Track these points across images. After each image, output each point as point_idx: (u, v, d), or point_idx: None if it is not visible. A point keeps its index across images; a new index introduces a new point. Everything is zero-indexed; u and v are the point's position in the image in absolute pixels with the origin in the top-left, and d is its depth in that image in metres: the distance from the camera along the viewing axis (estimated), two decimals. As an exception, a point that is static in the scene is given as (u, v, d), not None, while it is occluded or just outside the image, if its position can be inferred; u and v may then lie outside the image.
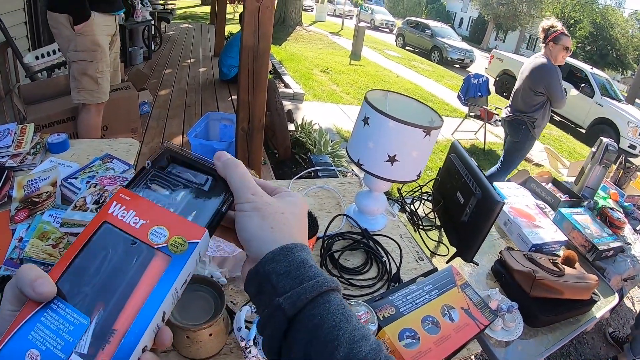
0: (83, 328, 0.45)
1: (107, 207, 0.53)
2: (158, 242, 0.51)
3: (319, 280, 0.53)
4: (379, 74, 13.08)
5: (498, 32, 37.09)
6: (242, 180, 0.58)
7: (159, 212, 0.53)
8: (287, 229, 0.57)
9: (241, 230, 0.57)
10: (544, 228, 2.24)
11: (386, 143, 1.55)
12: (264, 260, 0.54)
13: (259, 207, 0.56)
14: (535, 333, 1.77)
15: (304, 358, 0.51)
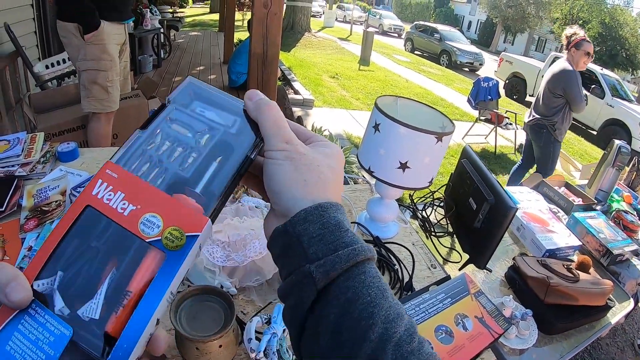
0: (65, 340, 0.40)
1: (91, 186, 0.45)
2: (150, 235, 0.43)
3: (355, 248, 0.47)
4: (389, 79, 13.08)
5: (507, 34, 36.96)
6: (276, 124, 0.52)
7: (153, 194, 0.45)
8: (322, 185, 0.51)
9: (270, 180, 0.51)
10: (557, 233, 2.22)
11: (397, 150, 1.54)
12: (295, 219, 0.48)
13: (292, 156, 0.50)
14: (549, 340, 1.75)
15: (332, 335, 0.45)
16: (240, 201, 1.58)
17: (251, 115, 0.53)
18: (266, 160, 0.51)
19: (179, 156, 0.49)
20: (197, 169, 0.49)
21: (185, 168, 0.48)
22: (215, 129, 0.51)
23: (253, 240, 1.35)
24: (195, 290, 1.11)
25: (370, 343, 0.44)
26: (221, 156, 0.50)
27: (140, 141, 0.50)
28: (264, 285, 1.36)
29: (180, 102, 0.53)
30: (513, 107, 10.81)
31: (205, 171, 0.49)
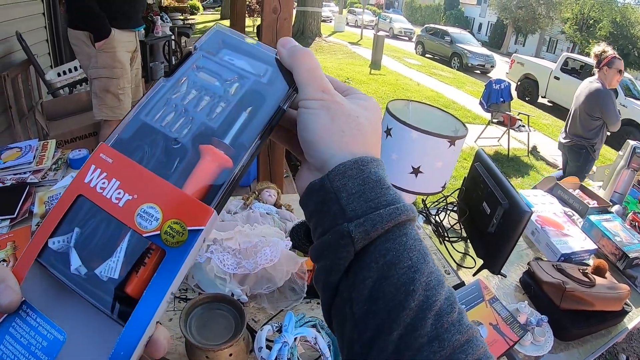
0: (59, 345, 0.37)
1: (84, 173, 0.41)
2: (148, 229, 0.39)
3: (398, 207, 0.43)
4: (400, 83, 13.05)
5: (517, 36, 36.79)
6: (311, 72, 0.48)
7: (150, 181, 0.40)
8: (360, 137, 0.47)
9: (304, 130, 0.47)
10: (572, 237, 2.19)
11: (410, 154, 1.53)
12: (333, 173, 0.44)
13: (329, 105, 0.47)
14: (565, 347, 1.72)
15: (367, 301, 0.42)
16: (251, 208, 1.58)
17: (285, 63, 0.49)
18: (300, 110, 0.47)
19: (206, 105, 0.46)
20: (226, 119, 0.45)
21: (213, 118, 0.45)
22: (245, 78, 0.48)
23: (264, 248, 1.34)
24: (205, 298, 1.10)
25: (409, 311, 0.41)
26: (252, 106, 0.46)
27: (165, 90, 0.46)
28: (275, 293, 1.35)
29: (208, 49, 0.49)
30: (525, 109, 10.74)
31: (235, 121, 0.45)
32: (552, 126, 11.05)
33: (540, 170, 7.27)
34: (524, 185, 6.46)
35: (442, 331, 0.40)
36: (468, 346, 0.41)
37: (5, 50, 3.88)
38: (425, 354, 0.40)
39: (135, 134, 0.43)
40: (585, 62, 12.60)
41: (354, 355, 0.43)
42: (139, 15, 3.49)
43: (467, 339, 0.41)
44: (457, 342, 0.40)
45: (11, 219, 1.64)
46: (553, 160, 7.82)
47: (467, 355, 0.40)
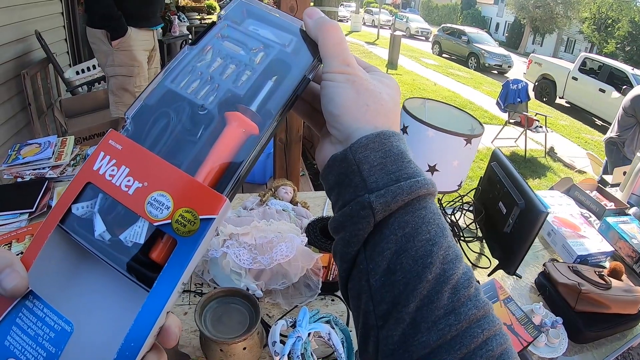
0: (67, 336, 0.36)
1: (92, 160, 0.39)
2: (159, 217, 0.37)
3: (418, 180, 0.44)
4: (417, 83, 13.02)
5: (535, 35, 36.44)
6: (338, 44, 0.48)
7: (161, 168, 0.39)
8: (383, 112, 0.48)
9: (329, 102, 0.47)
10: (589, 238, 2.17)
11: (426, 152, 1.53)
12: (356, 145, 0.45)
13: (354, 79, 0.47)
14: (580, 349, 1.71)
15: (385, 272, 0.42)
16: (267, 204, 1.59)
17: (311, 34, 0.49)
18: (325, 83, 0.48)
19: (232, 73, 0.46)
20: (252, 87, 0.45)
21: (239, 85, 0.45)
22: (270, 47, 0.48)
23: (280, 243, 1.35)
24: (221, 292, 1.12)
25: (426, 283, 0.41)
26: (277, 75, 0.46)
27: (189, 57, 0.47)
28: (290, 289, 1.36)
29: (232, 19, 0.50)
30: (543, 110, 10.66)
31: (260, 89, 0.45)
32: (569, 127, 10.96)
33: (557, 172, 7.22)
34: (540, 186, 6.42)
35: (458, 305, 0.41)
36: (484, 321, 0.42)
37: (25, 49, 3.93)
38: (442, 327, 0.40)
39: (160, 100, 0.44)
40: (604, 62, 12.48)
41: (369, 327, 0.44)
42: (157, 14, 3.51)
43: (483, 314, 0.42)
44: (473, 316, 0.41)
45: (30, 212, 1.67)
46: (570, 162, 7.75)
47: (483, 330, 0.41)
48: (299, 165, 3.34)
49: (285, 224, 1.44)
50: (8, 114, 3.63)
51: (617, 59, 16.33)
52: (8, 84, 3.60)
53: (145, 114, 0.43)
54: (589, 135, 10.70)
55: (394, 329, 0.42)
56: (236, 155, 0.42)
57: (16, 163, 1.91)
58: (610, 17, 28.77)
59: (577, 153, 8.65)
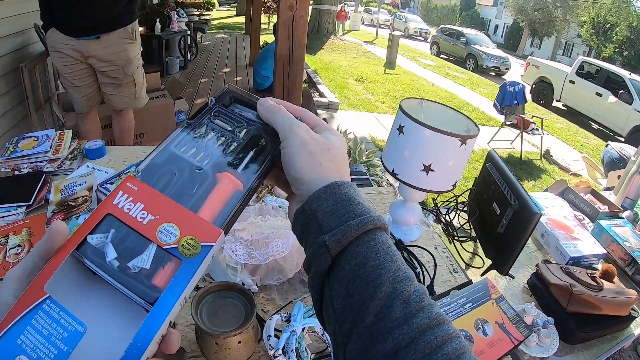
0: (78, 337, 0.41)
1: (112, 197, 0.48)
2: (168, 243, 0.45)
3: (365, 217, 0.52)
4: (414, 83, 13.04)
5: (533, 38, 36.48)
6: (285, 118, 0.58)
7: (170, 206, 0.48)
8: (335, 165, 0.57)
9: (290, 168, 0.56)
10: (582, 240, 2.18)
11: (421, 152, 1.54)
12: (311, 198, 0.54)
13: (305, 142, 0.56)
14: (571, 350, 1.73)
15: (345, 296, 0.49)
16: (264, 201, 1.60)
17: (264, 119, 0.60)
18: (284, 152, 0.56)
19: (222, 144, 0.57)
20: (237, 155, 0.56)
21: (228, 153, 0.56)
22: (251, 125, 0.60)
23: (276, 239, 1.36)
24: (217, 286, 1.13)
25: (378, 301, 0.48)
26: (256, 147, 0.57)
27: (188, 130, 0.58)
28: (285, 284, 1.37)
29: (222, 102, 0.62)
30: (540, 113, 10.72)
31: (244, 157, 0.56)
32: (565, 130, 11.00)
33: (552, 174, 7.25)
34: (535, 188, 6.44)
35: (410, 316, 0.47)
36: (438, 330, 0.47)
37: (24, 42, 3.92)
38: (396, 336, 0.46)
39: (166, 160, 0.54)
40: (601, 66, 12.52)
41: (338, 345, 0.51)
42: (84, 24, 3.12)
43: (436, 324, 0.47)
44: (425, 326, 0.47)
45: (27, 206, 1.67)
46: (566, 165, 7.78)
47: (437, 337, 0.46)
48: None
49: (281, 220, 1.45)
50: (6, 107, 3.62)
51: (614, 64, 16.39)
52: (6, 77, 3.59)
53: (152, 169, 0.53)
54: (585, 138, 10.75)
55: (356, 343, 0.48)
56: (226, 204, 0.52)
57: (14, 156, 1.91)
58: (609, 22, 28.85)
59: (573, 156, 8.69)
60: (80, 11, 2.99)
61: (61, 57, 3.16)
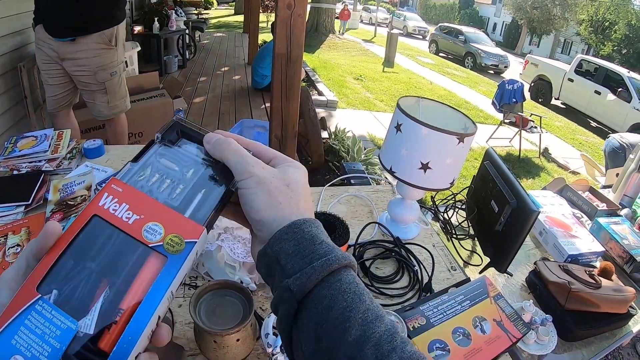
0: (71, 333, 0.42)
1: (98, 199, 0.49)
2: (153, 240, 0.47)
3: (329, 258, 0.50)
4: (413, 81, 13.04)
5: (532, 36, 36.46)
6: (237, 155, 0.55)
7: (154, 206, 0.50)
8: (294, 203, 0.54)
9: (249, 210, 0.54)
10: (580, 238, 2.19)
11: (419, 150, 1.54)
12: (272, 240, 0.52)
13: (262, 180, 0.54)
14: (569, 347, 1.73)
15: (314, 341, 0.48)
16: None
17: (214, 157, 0.56)
18: (240, 192, 0.54)
19: (167, 187, 0.53)
20: (184, 200, 0.53)
21: (174, 198, 0.52)
22: (199, 164, 0.56)
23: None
24: (215, 284, 1.13)
25: (348, 346, 0.47)
26: (205, 188, 0.54)
27: (132, 173, 0.54)
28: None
29: (168, 138, 0.58)
30: (538, 111, 10.70)
31: (191, 202, 0.53)
32: (564, 128, 11.00)
33: (551, 172, 7.25)
34: (534, 186, 6.45)
35: (382, 358, 0.46)
36: None
37: (22, 42, 3.91)
38: None
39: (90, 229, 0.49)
40: (600, 64, 12.52)
41: None
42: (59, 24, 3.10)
43: None
44: None
45: (26, 205, 1.67)
46: (564, 163, 7.79)
47: None
48: (293, 161, 3.36)
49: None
50: (4, 107, 3.61)
51: (613, 62, 16.38)
52: (4, 76, 3.58)
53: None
54: (584, 136, 10.75)
55: None
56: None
57: (13, 155, 1.91)
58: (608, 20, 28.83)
59: (572, 154, 8.69)
60: (58, 11, 2.98)
61: (41, 54, 3.18)
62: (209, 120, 5.72)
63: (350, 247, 1.68)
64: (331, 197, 2.03)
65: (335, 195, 2.05)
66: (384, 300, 1.51)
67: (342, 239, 1.40)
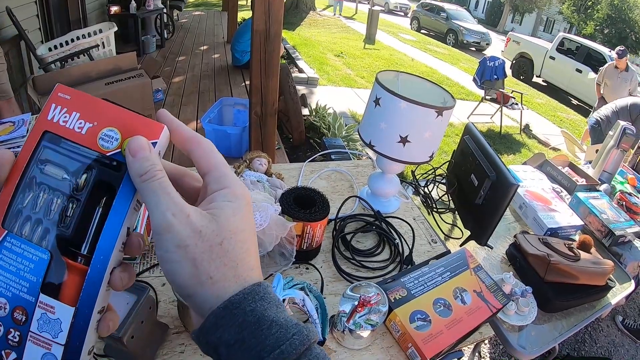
0: (44, 264, 0.41)
1: (46, 112, 0.43)
2: (110, 148, 0.43)
3: (283, 349, 0.41)
4: (394, 58, 13.00)
5: (514, 14, 36.49)
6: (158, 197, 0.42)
7: (107, 109, 0.44)
8: (231, 271, 0.43)
9: (172, 283, 0.42)
10: (559, 212, 2.21)
11: (398, 124, 1.54)
12: (206, 326, 0.41)
13: (186, 242, 0.41)
14: (549, 318, 1.76)
15: None
16: (242, 175, 1.59)
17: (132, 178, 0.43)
18: (159, 254, 0.42)
19: (57, 209, 0.43)
20: (80, 223, 0.43)
21: (67, 224, 0.42)
22: (92, 165, 0.44)
23: (254, 213, 1.36)
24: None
25: None
26: (104, 198, 0.43)
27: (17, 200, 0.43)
28: (265, 257, 1.36)
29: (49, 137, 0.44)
30: (520, 88, 10.77)
31: (89, 227, 0.43)
32: (545, 105, 11.07)
33: (532, 149, 7.31)
34: (515, 162, 6.50)
35: None
36: None
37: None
38: None
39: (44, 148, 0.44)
40: (582, 43, 12.57)
41: None
42: None
43: None
44: None
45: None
46: (545, 139, 7.85)
47: None
48: (274, 138, 3.35)
49: (259, 194, 1.44)
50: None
51: (595, 41, 16.45)
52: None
53: None
54: (565, 114, 10.83)
55: None
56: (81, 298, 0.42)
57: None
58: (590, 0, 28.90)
59: (552, 131, 8.76)
60: None
61: None
62: (188, 99, 5.65)
63: (330, 221, 1.68)
64: (311, 172, 2.02)
65: (316, 170, 2.04)
66: (365, 273, 1.52)
67: (321, 213, 1.39)
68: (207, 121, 4.09)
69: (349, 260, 1.54)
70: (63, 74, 4.13)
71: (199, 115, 5.14)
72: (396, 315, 1.24)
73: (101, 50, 5.17)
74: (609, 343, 3.37)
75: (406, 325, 1.22)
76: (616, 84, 6.96)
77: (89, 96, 0.44)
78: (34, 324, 0.41)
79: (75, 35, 5.04)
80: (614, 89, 6.92)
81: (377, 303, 1.18)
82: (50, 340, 0.41)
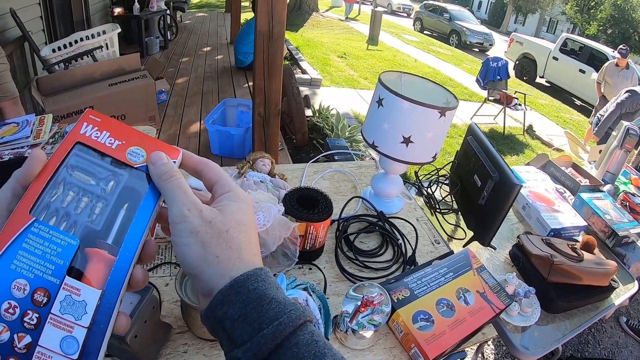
0: (72, 249, 0.44)
1: (78, 128, 0.49)
2: (137, 162, 0.50)
3: (281, 321, 0.46)
4: (397, 59, 12.99)
5: (517, 15, 36.45)
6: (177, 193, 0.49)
7: (133, 133, 0.52)
8: (235, 253, 0.48)
9: (183, 263, 0.48)
10: (563, 213, 2.21)
11: (401, 124, 1.54)
12: (213, 304, 0.47)
13: (197, 229, 0.47)
14: (552, 319, 1.75)
15: None
16: (245, 176, 1.59)
17: (154, 181, 0.50)
18: (173, 240, 0.48)
19: (85, 207, 0.47)
20: (107, 220, 0.48)
21: (94, 220, 0.47)
22: (119, 175, 0.50)
23: (257, 213, 1.36)
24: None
25: None
26: (128, 202, 0.49)
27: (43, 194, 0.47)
28: (268, 258, 1.37)
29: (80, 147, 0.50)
30: (523, 88, 10.74)
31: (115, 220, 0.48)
32: (548, 106, 11.05)
33: (535, 149, 7.30)
34: (518, 163, 6.49)
35: None
36: None
37: (0, 28, 3.85)
38: None
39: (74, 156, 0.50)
40: (585, 43, 12.54)
41: None
42: None
43: None
44: None
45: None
46: (548, 140, 7.84)
47: None
48: (277, 139, 3.35)
49: (262, 194, 1.44)
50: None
51: (598, 42, 16.41)
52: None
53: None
54: (568, 114, 10.81)
55: None
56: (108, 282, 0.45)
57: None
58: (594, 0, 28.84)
59: (556, 132, 8.75)
60: None
61: None
62: (192, 100, 5.66)
63: (334, 221, 1.68)
64: (315, 173, 2.02)
65: (319, 171, 2.05)
66: (368, 274, 1.52)
67: (324, 214, 1.39)
68: (211, 122, 4.09)
69: (352, 260, 1.55)
70: (67, 75, 4.15)
71: (202, 116, 5.14)
72: (399, 316, 1.24)
73: (105, 51, 5.18)
74: (613, 344, 3.36)
75: (409, 325, 1.22)
76: (617, 81, 6.95)
77: (117, 121, 0.52)
78: (56, 305, 0.42)
79: (78, 36, 5.05)
80: (615, 87, 6.90)
81: (380, 303, 1.18)
82: (72, 323, 0.42)
